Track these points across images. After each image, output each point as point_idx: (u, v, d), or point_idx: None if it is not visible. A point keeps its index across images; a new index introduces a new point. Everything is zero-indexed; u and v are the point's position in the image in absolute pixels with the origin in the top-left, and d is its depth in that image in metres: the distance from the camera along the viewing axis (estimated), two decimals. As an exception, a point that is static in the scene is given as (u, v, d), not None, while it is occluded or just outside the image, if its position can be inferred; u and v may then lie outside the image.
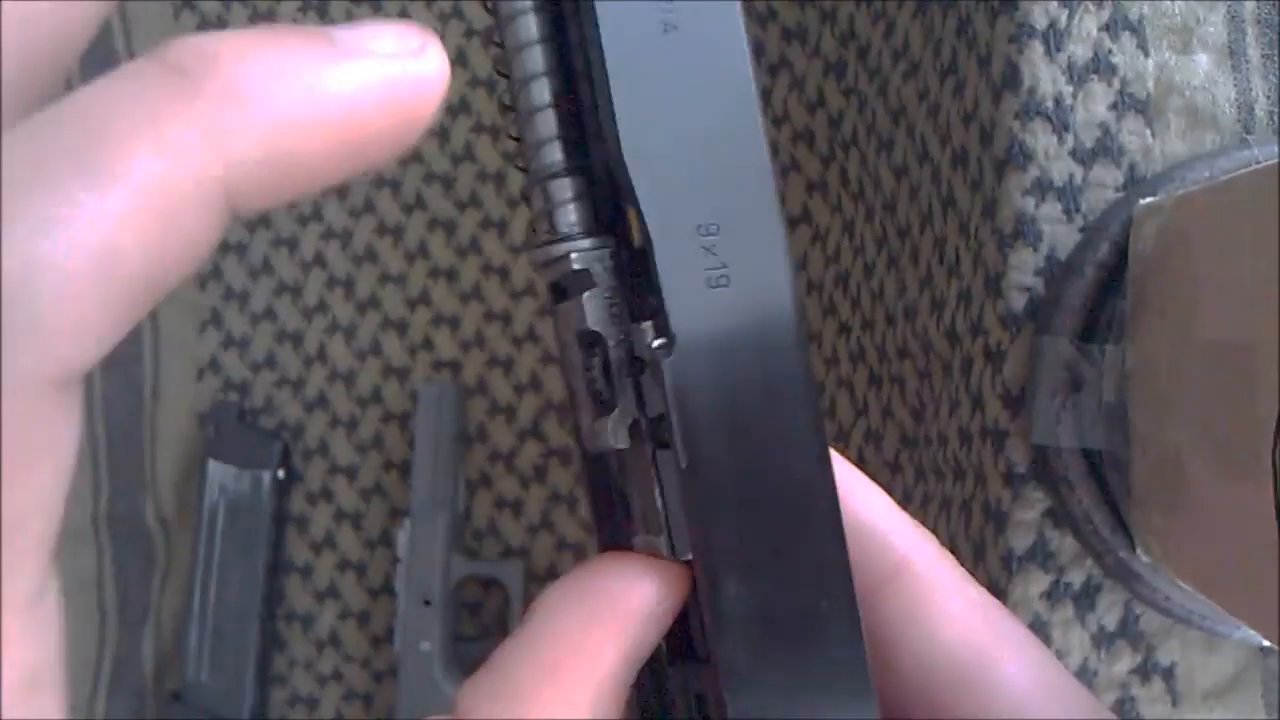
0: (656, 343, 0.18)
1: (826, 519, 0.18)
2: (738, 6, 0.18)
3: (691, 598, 0.19)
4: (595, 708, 0.17)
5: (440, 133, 0.68)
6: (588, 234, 0.18)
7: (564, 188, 0.18)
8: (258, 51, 0.14)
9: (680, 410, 0.18)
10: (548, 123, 0.18)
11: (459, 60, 0.68)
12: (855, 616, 0.19)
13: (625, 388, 0.18)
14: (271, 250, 0.71)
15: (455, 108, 0.68)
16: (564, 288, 0.19)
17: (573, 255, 0.18)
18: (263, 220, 0.71)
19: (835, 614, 0.18)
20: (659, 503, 0.19)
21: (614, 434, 0.18)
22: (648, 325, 0.18)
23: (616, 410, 0.18)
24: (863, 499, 0.21)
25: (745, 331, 0.18)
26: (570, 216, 0.18)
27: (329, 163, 0.14)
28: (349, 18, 0.69)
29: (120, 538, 0.74)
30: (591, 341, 0.19)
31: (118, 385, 0.73)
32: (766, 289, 0.18)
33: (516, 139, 0.19)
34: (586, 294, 0.18)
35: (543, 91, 0.18)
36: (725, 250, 0.18)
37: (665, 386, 0.18)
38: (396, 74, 0.15)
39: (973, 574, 0.36)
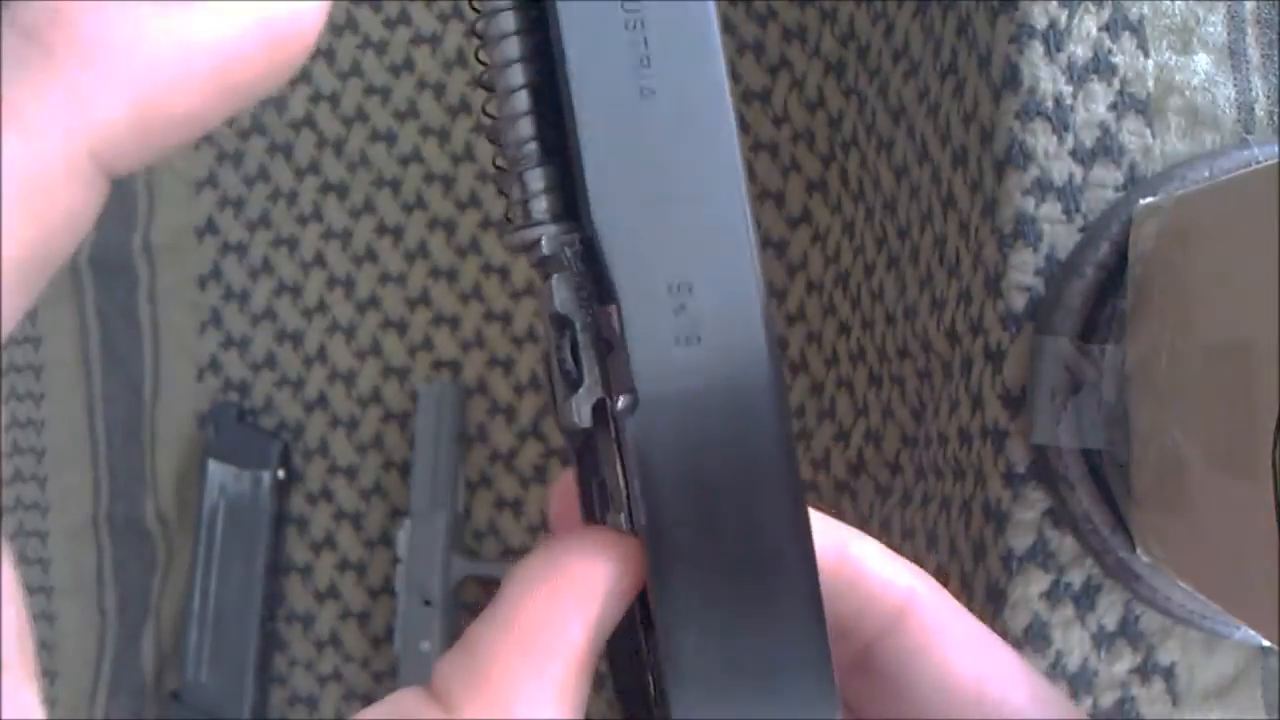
0: (621, 402, 0.18)
1: (799, 581, 0.18)
2: (721, 67, 0.18)
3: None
4: (565, 677, 0.18)
5: (440, 133, 0.68)
6: (555, 220, 0.19)
7: (537, 178, 0.19)
8: (113, 4, 0.13)
9: (642, 469, 0.18)
10: (526, 125, 0.19)
11: (459, 60, 0.67)
12: (830, 685, 0.18)
13: (591, 368, 0.19)
14: (271, 250, 0.71)
15: (455, 108, 0.68)
16: (546, 273, 0.19)
17: (542, 240, 0.19)
18: (263, 220, 0.71)
19: (807, 681, 0.18)
20: (620, 480, 0.19)
21: (578, 412, 0.19)
22: (622, 397, 0.18)
23: (582, 389, 0.19)
24: (857, 551, 0.21)
25: (716, 390, 0.18)
26: (541, 204, 0.19)
27: (207, 112, 0.14)
28: (349, 18, 0.69)
29: (120, 538, 0.74)
30: (562, 323, 0.19)
31: (118, 385, 0.73)
32: (739, 347, 0.18)
33: (494, 141, 0.19)
34: (555, 277, 0.19)
35: (521, 99, 0.18)
36: (697, 309, 0.18)
37: (627, 446, 0.18)
38: (271, 12, 0.13)
39: (973, 574, 0.36)
